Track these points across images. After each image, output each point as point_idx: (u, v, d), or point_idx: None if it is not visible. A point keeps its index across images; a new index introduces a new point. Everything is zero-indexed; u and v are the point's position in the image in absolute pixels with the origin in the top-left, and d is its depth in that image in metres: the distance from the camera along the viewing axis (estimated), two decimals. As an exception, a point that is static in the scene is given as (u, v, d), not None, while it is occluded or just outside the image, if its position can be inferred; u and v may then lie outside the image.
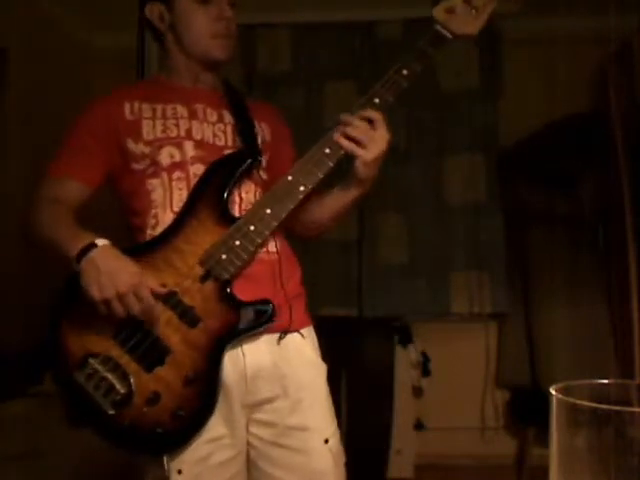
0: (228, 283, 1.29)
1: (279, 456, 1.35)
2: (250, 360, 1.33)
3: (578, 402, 0.59)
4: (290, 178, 1.32)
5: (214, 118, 1.45)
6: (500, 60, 3.64)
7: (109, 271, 1.19)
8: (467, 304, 3.57)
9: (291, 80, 3.59)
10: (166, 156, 1.38)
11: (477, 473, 3.39)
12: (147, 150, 1.38)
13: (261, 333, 1.33)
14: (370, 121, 1.34)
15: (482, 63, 3.64)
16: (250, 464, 1.38)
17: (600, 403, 0.58)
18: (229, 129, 1.45)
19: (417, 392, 3.44)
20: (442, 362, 3.49)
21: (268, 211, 1.30)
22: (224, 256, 1.28)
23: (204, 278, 1.28)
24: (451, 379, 3.49)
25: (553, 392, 0.62)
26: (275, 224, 1.31)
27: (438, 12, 1.36)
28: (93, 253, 1.22)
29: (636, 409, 0.58)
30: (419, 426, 3.47)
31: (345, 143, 1.33)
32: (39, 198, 1.40)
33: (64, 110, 3.76)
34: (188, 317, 1.27)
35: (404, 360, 3.31)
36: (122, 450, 1.29)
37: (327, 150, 1.33)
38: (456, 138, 3.57)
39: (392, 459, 3.18)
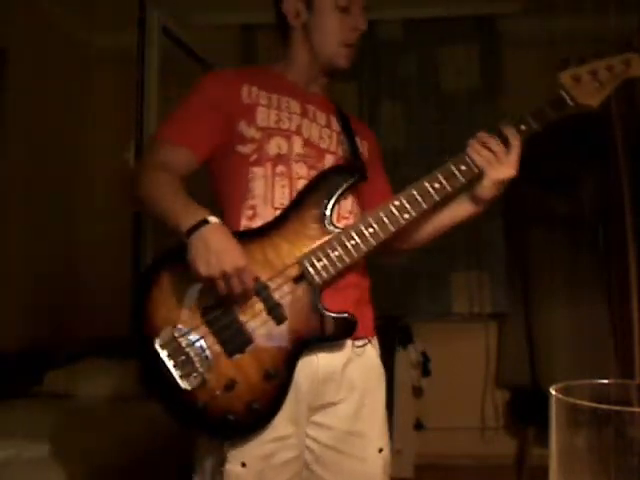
0: (319, 289, 1.31)
1: (334, 460, 1.37)
2: (323, 363, 1.34)
3: (578, 402, 0.59)
4: (397, 203, 1.34)
5: (323, 121, 1.47)
6: (500, 60, 3.65)
7: (218, 249, 1.19)
8: (467, 304, 3.57)
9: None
10: (274, 146, 1.39)
11: (477, 473, 3.39)
12: (258, 135, 1.39)
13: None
14: (506, 144, 1.38)
15: (482, 63, 3.65)
16: (303, 466, 1.39)
17: (600, 403, 0.58)
18: (334, 136, 1.47)
19: (417, 392, 3.44)
20: (442, 362, 3.49)
21: (371, 230, 1.33)
22: (321, 263, 1.30)
23: (298, 280, 1.30)
24: (451, 379, 3.49)
25: (553, 392, 0.62)
26: (374, 244, 1.33)
27: (565, 77, 1.39)
28: (204, 230, 1.20)
29: (636, 409, 0.57)
30: (419, 426, 3.47)
31: (478, 158, 1.37)
32: (148, 162, 1.38)
33: (64, 110, 3.78)
34: (276, 313, 1.28)
35: (404, 360, 3.31)
36: (187, 428, 1.29)
37: (437, 185, 1.37)
38: (456, 138, 3.57)
39: (392, 459, 3.18)
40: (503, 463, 3.50)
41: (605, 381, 0.65)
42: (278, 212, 1.35)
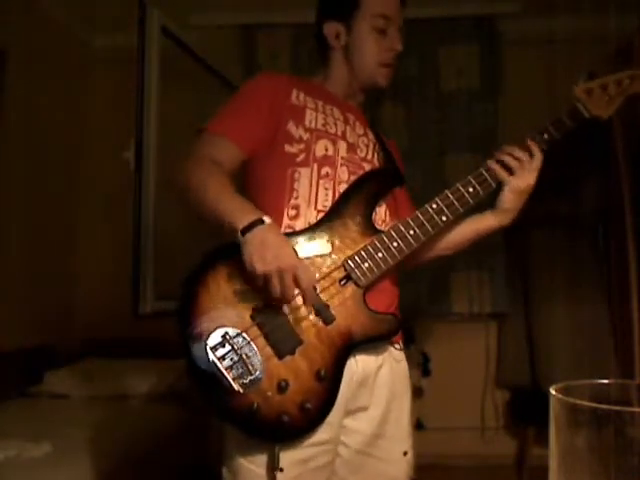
0: (364, 290, 1.33)
1: (361, 463, 1.39)
2: (361, 367, 1.36)
3: (578, 402, 0.59)
4: (435, 206, 1.39)
5: (361, 131, 1.52)
6: (500, 60, 3.65)
7: (275, 248, 1.20)
8: (467, 304, 3.57)
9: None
10: (321, 148, 1.42)
11: (477, 473, 3.39)
12: (306, 136, 1.41)
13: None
14: (530, 153, 1.47)
15: (482, 63, 3.65)
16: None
17: (600, 403, 0.58)
18: (371, 145, 1.52)
19: (417, 392, 3.44)
20: (442, 362, 3.49)
21: (411, 232, 1.37)
22: (367, 264, 1.33)
23: (344, 281, 1.32)
24: (451, 379, 3.49)
25: (553, 392, 0.62)
26: (415, 246, 1.37)
27: (580, 91, 1.50)
28: (260, 228, 1.21)
29: (636, 409, 0.57)
30: (419, 426, 3.47)
31: (497, 167, 1.44)
32: (196, 154, 1.38)
33: (64, 110, 3.78)
34: (324, 314, 1.29)
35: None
36: (241, 431, 1.27)
37: (470, 189, 1.42)
38: (456, 138, 3.57)
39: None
40: (503, 463, 3.50)
41: (605, 381, 0.65)
42: (320, 214, 1.37)
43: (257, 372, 1.24)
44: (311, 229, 1.35)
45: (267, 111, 1.41)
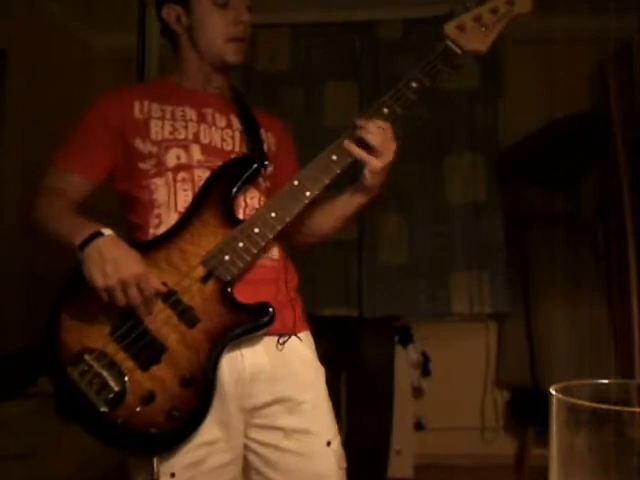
0: (229, 285, 1.29)
1: (280, 460, 1.34)
2: (249, 363, 1.32)
3: (578, 402, 0.59)
4: (296, 183, 1.33)
5: (223, 123, 1.46)
6: (500, 60, 3.64)
7: (114, 259, 1.19)
8: (467, 304, 3.57)
9: (291, 80, 3.60)
10: (172, 157, 1.39)
11: (477, 473, 3.39)
12: (154, 150, 1.39)
13: (260, 336, 1.32)
14: (382, 129, 1.37)
15: (482, 63, 3.64)
16: (250, 469, 1.37)
17: (600, 403, 0.58)
18: (237, 135, 1.46)
19: (417, 392, 3.44)
20: (442, 362, 3.49)
21: (273, 215, 1.31)
22: (227, 257, 1.28)
23: (205, 279, 1.28)
24: (451, 379, 3.49)
25: (553, 392, 0.61)
26: (279, 228, 1.31)
27: (449, 28, 1.42)
28: (98, 241, 1.21)
29: (636, 409, 0.57)
30: (419, 426, 3.47)
31: (355, 150, 1.34)
32: (43, 188, 1.40)
33: (64, 111, 3.76)
34: (187, 317, 1.26)
35: (404, 360, 3.31)
36: (113, 448, 1.27)
37: (334, 157, 1.34)
38: (456, 138, 3.57)
39: (392, 459, 3.18)
40: (503, 463, 3.50)
41: (605, 381, 0.65)
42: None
43: (119, 388, 1.22)
44: (170, 233, 1.32)
45: (109, 136, 1.40)
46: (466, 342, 3.61)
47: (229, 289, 1.29)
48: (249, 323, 1.28)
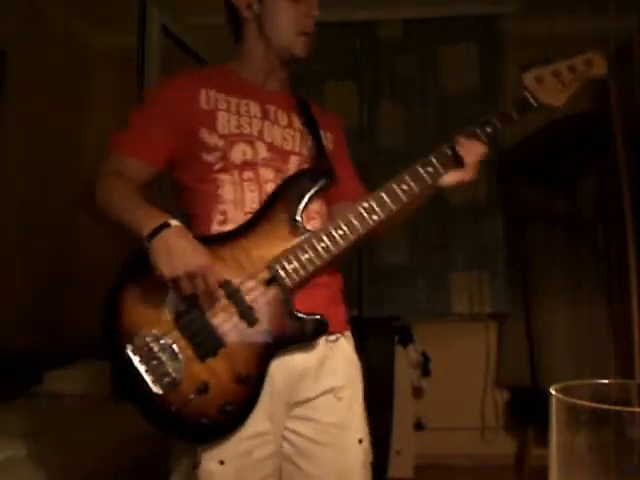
0: (290, 292, 1.32)
1: (315, 452, 1.38)
2: (299, 362, 1.36)
3: (578, 402, 0.59)
4: (366, 205, 1.36)
5: (284, 122, 1.47)
6: (500, 60, 3.64)
7: (181, 251, 1.20)
8: (467, 304, 3.57)
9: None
10: (238, 153, 1.39)
11: (477, 473, 3.39)
12: (220, 143, 1.38)
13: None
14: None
15: (482, 63, 3.64)
16: (284, 458, 1.39)
17: (600, 403, 0.58)
18: (298, 135, 1.47)
19: (417, 392, 3.44)
20: (442, 362, 3.49)
21: (340, 232, 1.34)
22: (292, 265, 1.31)
23: (269, 282, 1.31)
24: (451, 379, 3.49)
25: (553, 392, 0.61)
26: (344, 245, 1.35)
27: (528, 79, 1.44)
28: (166, 232, 1.21)
29: (636, 409, 0.57)
30: (419, 426, 3.47)
31: (452, 175, 1.43)
32: (106, 173, 1.38)
33: (64, 111, 3.77)
34: (247, 316, 1.29)
35: (404, 360, 3.32)
36: (161, 432, 1.30)
37: (404, 187, 1.39)
38: (456, 138, 3.56)
39: (392, 459, 3.18)
40: (503, 463, 3.50)
41: (605, 381, 0.65)
42: (249, 216, 1.35)
43: (177, 375, 1.24)
44: (237, 231, 1.34)
45: (175, 122, 1.39)
46: (466, 342, 3.61)
47: (289, 296, 1.32)
48: (304, 333, 1.33)
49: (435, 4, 3.50)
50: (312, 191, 1.39)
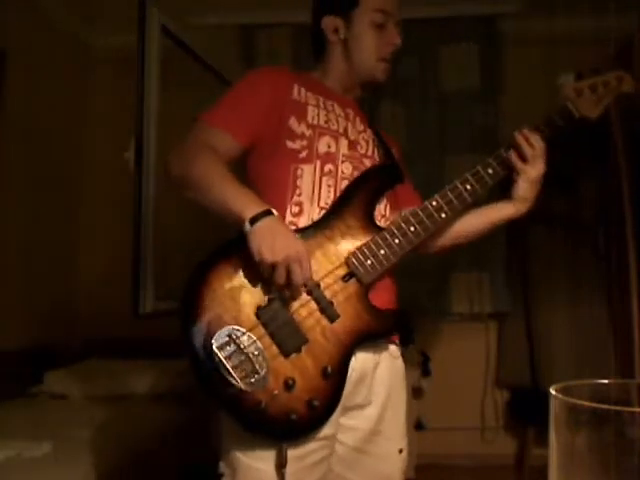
0: (367, 288, 1.34)
1: (357, 460, 1.39)
2: (359, 365, 1.36)
3: (578, 402, 0.59)
4: (434, 203, 1.41)
5: (361, 127, 1.52)
6: (500, 60, 3.64)
7: (283, 237, 1.22)
8: (467, 304, 3.57)
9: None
10: (324, 145, 1.42)
11: (477, 473, 3.39)
12: (308, 132, 1.41)
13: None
14: (530, 144, 1.47)
15: (482, 63, 3.64)
16: None
17: (600, 403, 0.58)
18: (371, 142, 1.52)
19: (417, 392, 3.44)
20: (442, 362, 3.49)
21: (412, 229, 1.38)
22: (369, 261, 1.34)
23: (346, 278, 1.33)
24: (451, 379, 3.49)
25: (553, 392, 0.61)
26: (416, 242, 1.38)
27: (570, 91, 1.51)
28: (268, 219, 1.23)
29: (636, 409, 0.57)
30: (419, 426, 3.47)
31: (514, 158, 1.46)
32: (198, 143, 1.36)
33: (64, 110, 3.78)
34: (329, 312, 1.30)
35: (404, 360, 3.31)
36: (247, 430, 1.27)
37: (468, 187, 1.43)
38: (456, 138, 3.57)
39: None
40: (503, 463, 3.50)
41: (605, 381, 0.65)
42: (323, 211, 1.37)
43: (263, 371, 1.24)
44: (314, 226, 1.35)
45: (268, 105, 1.41)
46: (466, 342, 3.61)
47: (367, 292, 1.34)
48: (382, 328, 1.37)
49: (435, 4, 3.50)
50: (386, 187, 1.45)
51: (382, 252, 1.35)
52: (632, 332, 2.95)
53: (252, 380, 1.23)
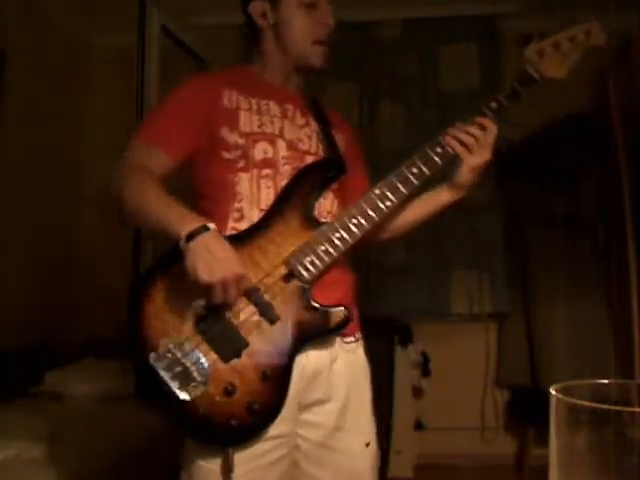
0: (309, 286, 1.32)
1: (323, 456, 1.38)
2: (313, 361, 1.35)
3: (578, 402, 0.59)
4: (377, 192, 1.36)
5: (302, 122, 1.47)
6: (500, 59, 3.65)
7: (222, 257, 1.19)
8: (467, 304, 3.57)
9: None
10: (260, 151, 1.39)
11: (477, 473, 3.39)
12: (241, 142, 1.38)
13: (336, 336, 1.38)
14: (482, 128, 1.40)
15: (482, 62, 3.65)
16: (293, 465, 1.38)
17: (600, 403, 0.58)
18: (314, 135, 1.48)
19: (417, 392, 3.44)
20: (442, 362, 3.49)
21: (355, 221, 1.33)
22: (309, 259, 1.31)
23: (287, 278, 1.31)
24: (451, 379, 3.49)
25: (553, 392, 0.61)
26: (359, 234, 1.34)
27: (529, 52, 1.42)
28: (205, 236, 1.20)
29: (636, 409, 0.57)
30: (419, 426, 3.47)
31: (455, 144, 1.38)
32: (129, 164, 1.36)
33: (63, 110, 3.78)
34: (268, 314, 1.29)
35: (404, 360, 3.31)
36: (193, 438, 1.29)
37: (414, 170, 1.37)
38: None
39: (392, 459, 3.18)
40: (503, 463, 3.50)
41: (605, 381, 0.65)
42: (263, 213, 1.36)
43: (202, 378, 1.24)
44: (253, 228, 1.34)
45: (198, 117, 1.38)
46: (466, 342, 3.61)
47: (308, 290, 1.32)
48: (326, 326, 1.32)
49: (435, 4, 3.50)
50: (325, 183, 1.40)
51: (322, 248, 1.31)
52: (632, 332, 2.95)
53: (191, 388, 1.23)
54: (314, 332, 1.32)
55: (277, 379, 1.28)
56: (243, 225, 1.36)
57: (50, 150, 3.44)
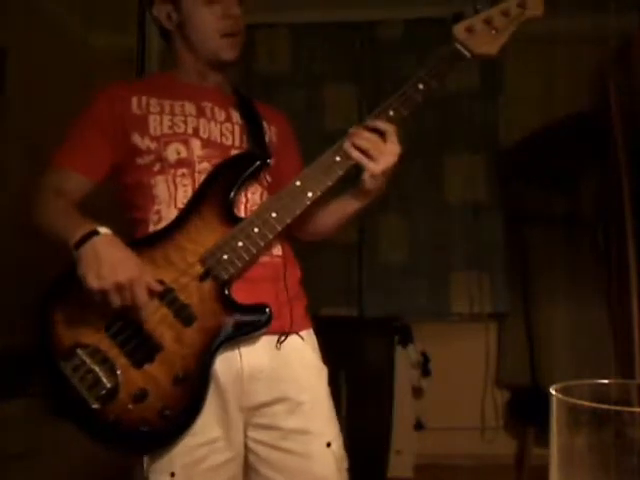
0: (227, 284, 1.28)
1: (279, 460, 1.33)
2: (247, 361, 1.31)
3: (578, 402, 0.59)
4: (298, 183, 1.31)
5: (222, 117, 1.44)
6: (500, 60, 3.64)
7: (110, 261, 1.17)
8: (467, 304, 3.57)
9: (290, 81, 3.60)
10: (172, 152, 1.37)
11: (477, 473, 3.39)
12: (153, 146, 1.37)
13: (259, 335, 1.31)
14: (381, 133, 1.34)
15: (482, 62, 3.64)
16: (250, 469, 1.36)
17: (600, 403, 0.58)
18: (237, 129, 1.44)
19: (417, 392, 3.44)
20: (442, 362, 3.49)
21: (274, 215, 1.29)
22: (226, 256, 1.27)
23: (203, 277, 1.27)
24: (451, 379, 3.49)
25: (553, 392, 0.61)
26: (279, 228, 1.30)
27: (458, 30, 1.35)
28: (94, 241, 1.19)
29: (636, 409, 0.57)
30: (419, 426, 3.47)
31: (355, 153, 1.32)
32: (42, 188, 1.38)
33: (63, 110, 3.75)
34: (183, 315, 1.25)
35: (404, 360, 3.31)
36: (104, 447, 1.26)
37: (337, 158, 1.32)
38: (456, 138, 3.57)
39: (392, 459, 3.18)
40: (503, 463, 3.50)
41: (605, 381, 0.65)
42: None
43: (111, 385, 1.21)
44: (168, 229, 1.31)
45: (108, 130, 1.38)
46: (466, 342, 3.61)
47: (226, 288, 1.27)
48: (245, 324, 1.27)
49: (435, 4, 3.50)
50: (243, 176, 1.35)
51: (240, 244, 1.27)
52: (632, 332, 2.95)
53: (101, 396, 1.21)
54: (232, 332, 1.26)
55: (192, 382, 1.23)
56: (161, 227, 1.33)
57: (50, 150, 3.43)
